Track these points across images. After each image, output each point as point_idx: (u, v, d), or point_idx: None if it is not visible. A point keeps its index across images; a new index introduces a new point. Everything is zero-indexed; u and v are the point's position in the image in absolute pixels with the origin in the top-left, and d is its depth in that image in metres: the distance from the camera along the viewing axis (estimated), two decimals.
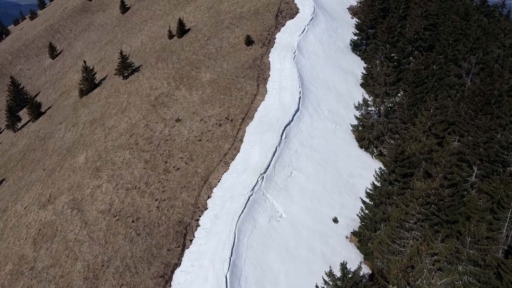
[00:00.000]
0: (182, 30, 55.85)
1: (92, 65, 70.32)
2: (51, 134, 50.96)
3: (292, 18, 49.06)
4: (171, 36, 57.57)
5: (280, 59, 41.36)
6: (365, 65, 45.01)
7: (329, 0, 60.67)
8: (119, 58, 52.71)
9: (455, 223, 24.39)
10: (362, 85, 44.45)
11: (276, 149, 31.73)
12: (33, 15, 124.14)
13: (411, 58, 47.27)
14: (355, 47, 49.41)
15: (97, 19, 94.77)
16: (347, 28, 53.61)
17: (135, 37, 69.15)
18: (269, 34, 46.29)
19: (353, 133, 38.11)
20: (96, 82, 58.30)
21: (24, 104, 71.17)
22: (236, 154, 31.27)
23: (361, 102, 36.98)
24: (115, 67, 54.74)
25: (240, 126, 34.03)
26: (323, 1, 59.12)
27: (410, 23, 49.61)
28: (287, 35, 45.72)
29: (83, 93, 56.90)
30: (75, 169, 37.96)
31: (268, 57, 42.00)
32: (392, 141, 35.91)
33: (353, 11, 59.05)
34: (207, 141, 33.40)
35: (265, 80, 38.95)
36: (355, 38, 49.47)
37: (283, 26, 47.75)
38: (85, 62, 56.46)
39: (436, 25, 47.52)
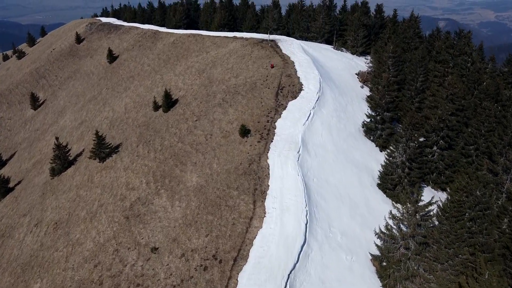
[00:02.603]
0: (169, 103, 48.92)
1: (72, 128, 63.55)
2: (11, 231, 43.27)
3: (295, 98, 42.08)
4: (156, 107, 50.64)
5: (281, 162, 34.09)
6: (382, 163, 37.77)
7: (335, 64, 54.16)
8: (94, 140, 45.53)
9: None
10: (379, 186, 37.18)
11: None
12: (21, 55, 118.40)
13: (435, 148, 40.18)
14: (369, 131, 42.35)
15: (83, 66, 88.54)
16: (358, 103, 46.74)
17: (119, 98, 62.35)
18: (268, 121, 39.20)
19: (373, 263, 30.52)
20: (71, 158, 51.03)
21: None
22: None
23: (383, 230, 29.54)
24: (91, 147, 47.52)
25: (230, 272, 26.40)
26: (328, 66, 52.55)
27: (432, 103, 42.87)
28: (289, 123, 38.63)
29: (54, 172, 49.55)
30: None
31: (267, 157, 34.72)
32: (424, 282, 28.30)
33: (363, 78, 52.41)
34: None
35: (263, 194, 31.55)
36: (368, 120, 42.47)
37: (284, 109, 40.74)
38: (57, 139, 49.25)
39: (464, 108, 40.60)
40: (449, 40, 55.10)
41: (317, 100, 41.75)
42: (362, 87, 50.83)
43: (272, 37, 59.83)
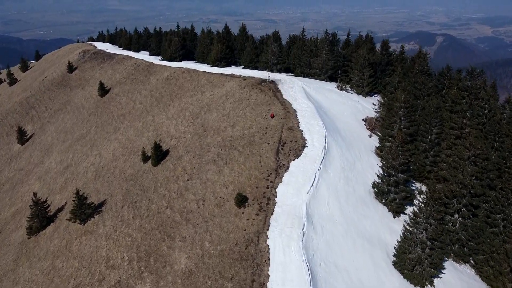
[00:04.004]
0: (159, 155, 44.56)
1: (56, 172, 59.05)
2: None
3: (298, 157, 37.74)
4: (145, 158, 46.30)
5: (283, 244, 29.50)
6: (396, 233, 33.28)
7: (340, 109, 50.07)
8: (74, 200, 41.00)
9: None
10: (395, 264, 32.49)
11: None
12: (13, 81, 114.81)
13: (457, 216, 35.69)
14: (380, 193, 37.89)
15: (74, 98, 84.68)
16: (367, 157, 42.41)
17: (108, 141, 58.07)
18: (267, 187, 34.77)
19: None
20: (51, 213, 46.35)
21: None
22: None
23: None
24: (71, 208, 42.93)
25: None
26: (333, 113, 48.44)
27: (449, 157, 38.70)
28: (292, 191, 34.19)
29: (32, 231, 44.85)
30: None
31: (267, 237, 30.15)
32: None
33: (371, 125, 48.27)
34: None
35: (262, 287, 26.87)
36: (379, 181, 38.07)
37: (286, 170, 36.36)
38: (35, 194, 44.70)
39: (487, 170, 36.24)
40: (462, 82, 51.32)
41: (322, 160, 37.41)
42: (370, 135, 46.62)
43: (272, 76, 55.98)
